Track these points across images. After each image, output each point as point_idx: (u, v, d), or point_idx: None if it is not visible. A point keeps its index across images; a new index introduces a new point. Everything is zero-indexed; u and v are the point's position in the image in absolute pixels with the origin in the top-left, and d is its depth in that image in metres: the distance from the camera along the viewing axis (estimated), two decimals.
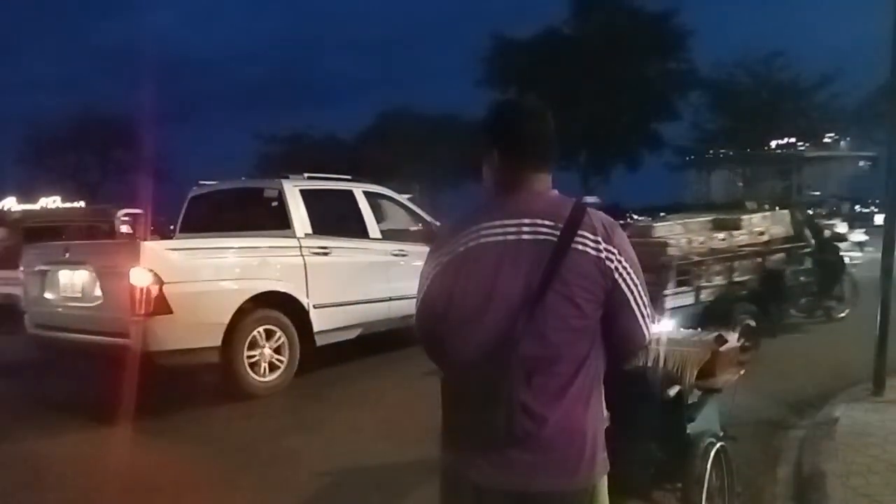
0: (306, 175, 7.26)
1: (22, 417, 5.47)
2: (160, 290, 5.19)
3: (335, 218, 6.93)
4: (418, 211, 8.04)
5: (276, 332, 5.97)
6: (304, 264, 6.20)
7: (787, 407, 4.88)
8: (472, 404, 1.49)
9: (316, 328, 6.24)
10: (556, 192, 1.61)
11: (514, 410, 1.46)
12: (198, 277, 5.53)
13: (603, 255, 1.49)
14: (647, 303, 1.56)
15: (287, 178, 6.94)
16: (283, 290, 6.01)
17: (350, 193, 7.15)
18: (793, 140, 37.70)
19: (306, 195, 6.62)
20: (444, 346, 1.60)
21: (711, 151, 38.71)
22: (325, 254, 6.40)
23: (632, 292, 1.53)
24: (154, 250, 5.48)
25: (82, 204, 39.95)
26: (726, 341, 2.83)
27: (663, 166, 37.90)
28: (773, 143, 37.68)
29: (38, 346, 6.59)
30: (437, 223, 7.53)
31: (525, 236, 1.51)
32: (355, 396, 5.81)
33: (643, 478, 2.60)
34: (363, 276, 6.76)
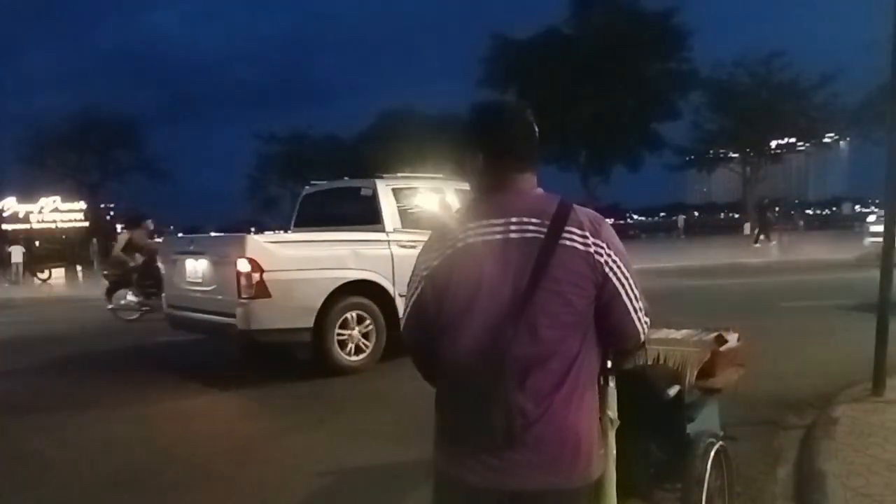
0: (399, 174, 7.92)
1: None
2: (260, 277, 5.99)
3: (422, 213, 7.45)
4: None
5: (365, 318, 6.66)
6: (392, 256, 6.82)
7: (787, 407, 4.88)
8: (468, 406, 1.49)
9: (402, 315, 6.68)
10: (540, 190, 1.61)
11: (512, 411, 1.46)
12: (293, 266, 6.24)
13: (591, 249, 1.49)
14: (638, 296, 1.56)
15: (381, 177, 7.59)
16: (371, 279, 6.67)
17: (441, 191, 7.71)
18: (793, 140, 37.71)
19: (398, 193, 7.32)
20: (436, 348, 1.59)
21: (711, 151, 38.80)
22: (412, 247, 6.74)
23: (623, 285, 1.53)
24: (257, 243, 6.26)
25: (82, 204, 40.08)
26: (726, 341, 2.83)
27: (663, 166, 37.95)
28: (773, 143, 37.70)
29: (170, 323, 7.49)
30: None
31: (512, 235, 1.51)
32: (355, 396, 5.81)
33: (643, 478, 2.60)
34: None
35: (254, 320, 6.05)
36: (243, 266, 6.00)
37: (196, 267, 6.84)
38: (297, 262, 6.31)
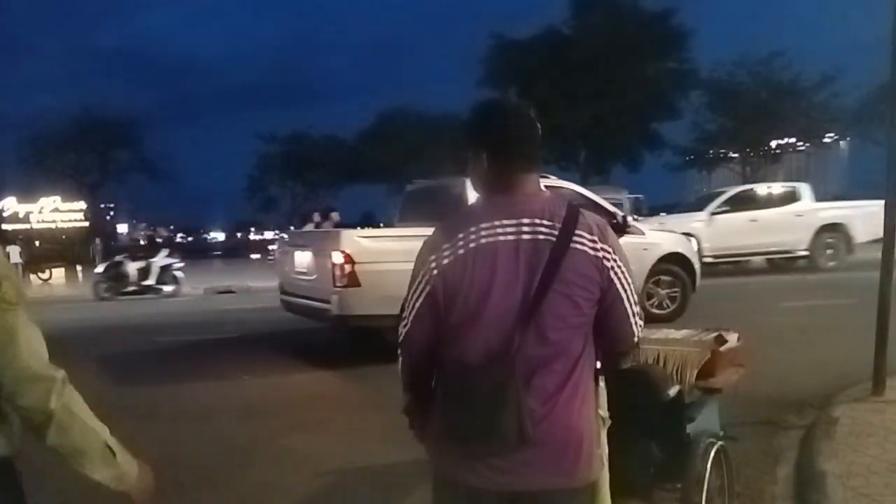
0: None
1: None
2: (352, 268, 6.63)
3: None
4: (606, 205, 8.59)
5: None
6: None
7: (787, 407, 4.88)
8: (475, 407, 1.48)
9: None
10: (548, 191, 1.62)
11: (523, 414, 1.45)
12: (383, 259, 6.68)
13: (600, 254, 1.50)
14: (636, 301, 1.58)
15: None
16: None
17: None
18: (793, 140, 37.70)
19: None
20: (438, 349, 1.58)
21: (711, 151, 38.79)
22: None
23: (625, 291, 1.54)
24: (350, 237, 6.93)
25: (82, 204, 40.04)
26: (726, 341, 2.83)
27: (663, 166, 37.92)
28: (774, 143, 37.68)
29: (283, 307, 8.36)
30: (622, 215, 8.37)
31: (525, 236, 1.50)
32: (355, 397, 5.81)
33: (643, 478, 2.60)
34: None
35: (345, 306, 6.69)
36: (337, 258, 6.67)
37: (302, 259, 7.67)
38: (386, 255, 6.74)
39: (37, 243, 33.23)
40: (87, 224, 39.55)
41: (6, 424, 1.41)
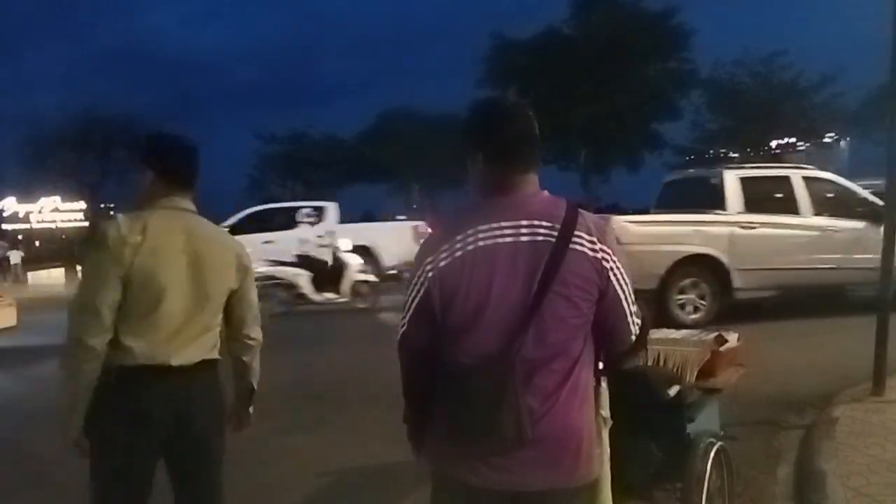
0: (746, 165, 9.52)
1: None
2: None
3: (769, 199, 8.54)
4: (860, 192, 8.79)
5: (701, 284, 8.02)
6: (730, 235, 8.06)
7: (787, 407, 4.87)
8: (475, 408, 1.48)
9: (735, 285, 8.08)
10: (546, 192, 1.61)
11: (522, 413, 1.46)
12: (645, 241, 7.69)
13: (599, 255, 1.50)
14: (634, 300, 1.58)
15: (729, 167, 9.05)
16: (710, 253, 7.98)
17: (787, 179, 8.56)
18: (793, 140, 37.68)
19: (744, 181, 8.45)
20: (438, 351, 1.58)
21: (711, 151, 38.77)
22: (752, 228, 8.13)
23: (623, 292, 1.55)
24: (618, 222, 7.72)
25: (82, 204, 40.07)
26: (726, 341, 2.83)
27: (663, 166, 37.91)
28: (774, 143, 37.67)
29: None
30: (881, 203, 8.67)
31: (524, 238, 1.50)
32: (355, 397, 5.80)
33: (643, 478, 2.60)
34: (787, 246, 8.19)
35: None
36: None
37: None
38: (648, 238, 7.80)
39: (37, 243, 33.26)
40: (87, 224, 39.57)
41: (217, 339, 2.13)
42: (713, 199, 8.46)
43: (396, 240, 13.83)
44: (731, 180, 8.48)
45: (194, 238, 2.04)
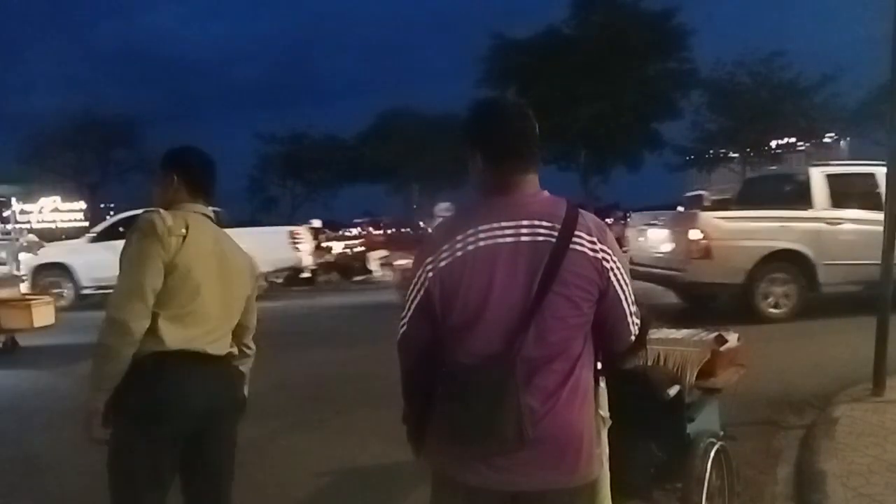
0: (832, 162, 9.78)
1: None
2: (707, 243, 8.03)
3: (855, 195, 8.68)
4: None
5: (787, 280, 8.27)
6: (817, 231, 8.34)
7: (787, 407, 4.88)
8: (476, 408, 1.48)
9: (820, 280, 8.30)
10: (546, 192, 1.60)
11: (522, 413, 1.45)
12: (733, 237, 8.14)
13: (599, 255, 1.50)
14: (633, 300, 1.58)
15: (815, 165, 9.35)
16: (796, 248, 8.26)
17: (872, 175, 8.50)
18: (793, 140, 37.68)
19: (831, 178, 8.69)
20: (438, 351, 1.58)
21: (711, 151, 38.77)
22: (838, 223, 8.40)
23: (623, 292, 1.55)
24: (706, 217, 8.41)
25: (82, 204, 40.04)
26: (726, 341, 2.83)
27: (663, 166, 37.90)
28: (774, 143, 37.66)
29: (633, 277, 9.85)
30: None
31: (524, 238, 1.50)
32: (355, 397, 5.80)
33: (643, 478, 2.60)
34: (871, 242, 8.43)
35: (698, 274, 8.12)
36: (695, 235, 8.06)
37: (657, 235, 9.18)
38: (736, 234, 8.18)
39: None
40: (86, 224, 39.56)
41: (231, 337, 2.22)
42: (799, 196, 8.72)
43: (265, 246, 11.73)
44: (818, 177, 8.71)
45: (220, 243, 2.17)
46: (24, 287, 9.83)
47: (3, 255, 9.76)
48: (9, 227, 10.66)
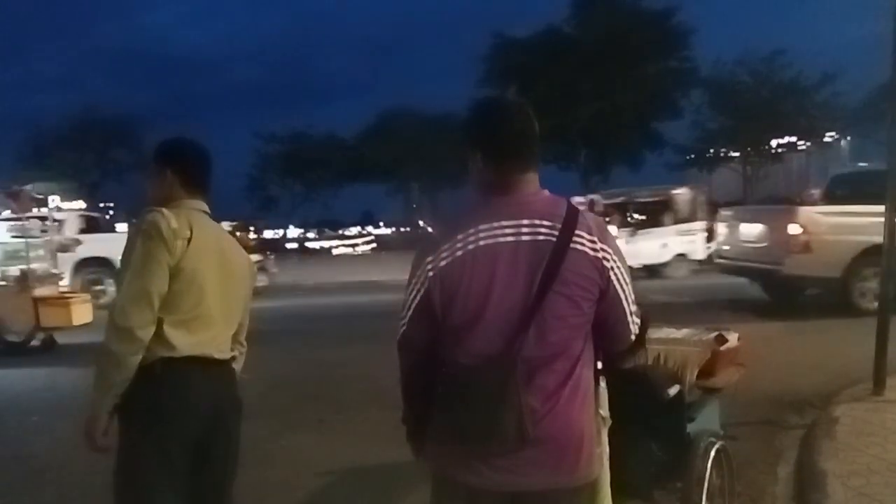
0: None
1: None
2: (807, 238, 8.30)
3: None
4: None
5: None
6: None
7: (787, 407, 4.87)
8: (476, 408, 1.48)
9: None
10: (547, 191, 1.60)
11: (523, 413, 1.45)
12: (832, 232, 8.30)
13: (600, 254, 1.50)
14: (634, 300, 1.57)
15: None
16: None
17: None
18: (794, 139, 37.67)
19: None
20: (438, 351, 1.57)
21: (712, 150, 38.77)
22: None
23: (623, 291, 1.54)
24: (806, 213, 8.66)
25: (81, 203, 40.05)
26: (727, 341, 2.83)
27: (663, 166, 37.90)
28: (774, 143, 37.66)
29: (720, 270, 10.66)
30: None
31: (524, 237, 1.50)
32: (355, 396, 5.81)
33: (643, 478, 2.60)
34: None
35: (796, 268, 8.36)
36: (794, 229, 8.35)
37: (752, 229, 9.41)
38: (835, 228, 8.33)
39: None
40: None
41: (231, 341, 2.18)
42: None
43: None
44: None
45: (221, 241, 2.12)
46: (62, 284, 9.79)
47: (42, 252, 9.70)
48: (47, 224, 10.51)
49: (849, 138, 38.38)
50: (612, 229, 8.15)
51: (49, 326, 8.49)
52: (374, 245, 43.63)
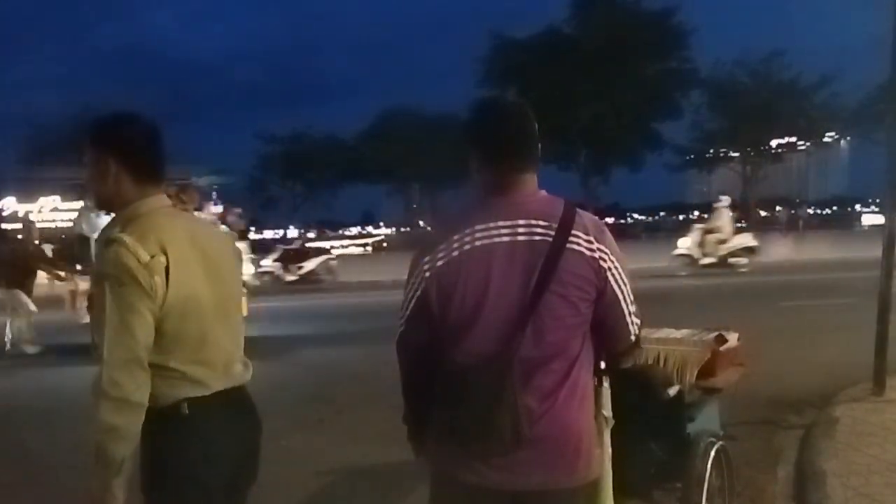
0: None
1: None
2: None
3: None
4: None
5: None
6: None
7: (787, 407, 4.88)
8: (473, 407, 1.48)
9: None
10: (544, 192, 1.60)
11: (519, 413, 1.45)
12: None
13: (596, 255, 1.49)
14: (632, 300, 1.57)
15: None
16: None
17: None
18: (793, 139, 37.70)
19: None
20: (437, 351, 1.57)
21: (711, 151, 38.82)
22: None
23: (622, 291, 1.54)
24: None
25: (82, 204, 40.08)
26: (726, 341, 2.83)
27: (663, 166, 37.95)
28: (774, 143, 37.69)
29: None
30: None
31: (520, 238, 1.50)
32: (355, 396, 5.80)
33: (643, 478, 2.60)
34: None
35: None
36: None
37: None
38: None
39: (36, 242, 33.26)
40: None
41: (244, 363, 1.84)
42: None
43: None
44: None
45: (198, 240, 1.72)
46: None
47: None
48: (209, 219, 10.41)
49: (848, 138, 38.43)
50: None
51: None
52: (385, 244, 43.92)
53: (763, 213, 51.48)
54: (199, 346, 1.67)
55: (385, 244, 43.97)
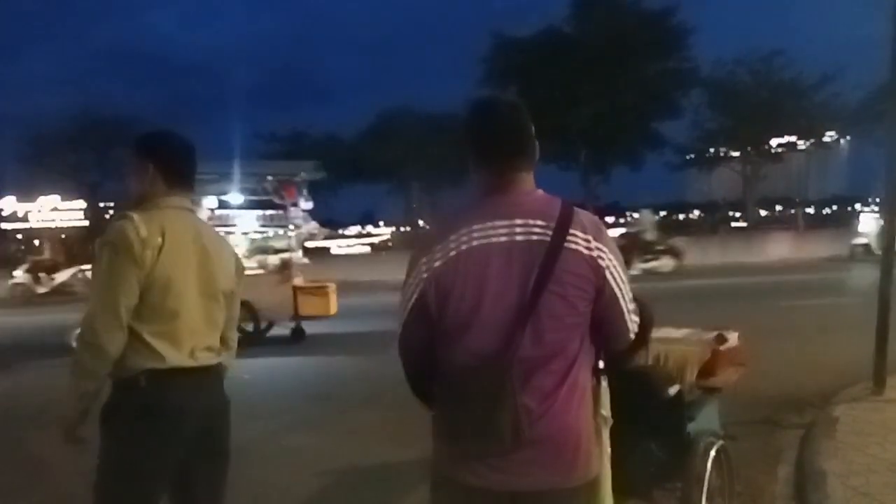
0: None
1: None
2: None
3: None
4: None
5: None
6: None
7: (787, 406, 4.87)
8: (473, 408, 1.47)
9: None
10: (541, 191, 1.59)
11: (519, 414, 1.45)
12: None
13: (595, 253, 1.49)
14: (631, 298, 1.57)
15: None
16: None
17: None
18: (793, 139, 37.70)
19: None
20: (436, 352, 1.57)
21: (712, 150, 38.82)
22: None
23: (620, 290, 1.53)
24: None
25: (82, 203, 40.07)
26: (727, 340, 2.83)
27: (663, 165, 37.94)
28: (774, 142, 37.68)
29: None
30: None
31: (518, 237, 1.49)
32: (356, 396, 5.81)
33: (643, 478, 2.60)
34: None
35: None
36: None
37: None
38: None
39: (36, 242, 33.25)
40: (86, 223, 39.56)
41: (225, 347, 2.19)
42: None
43: None
44: None
45: (201, 239, 2.05)
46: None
47: (293, 242, 9.44)
48: (300, 213, 9.85)
49: (848, 138, 38.41)
50: None
51: (307, 315, 8.48)
52: (390, 243, 44.06)
53: (763, 213, 51.50)
54: (170, 321, 1.95)
55: (390, 244, 44.11)
